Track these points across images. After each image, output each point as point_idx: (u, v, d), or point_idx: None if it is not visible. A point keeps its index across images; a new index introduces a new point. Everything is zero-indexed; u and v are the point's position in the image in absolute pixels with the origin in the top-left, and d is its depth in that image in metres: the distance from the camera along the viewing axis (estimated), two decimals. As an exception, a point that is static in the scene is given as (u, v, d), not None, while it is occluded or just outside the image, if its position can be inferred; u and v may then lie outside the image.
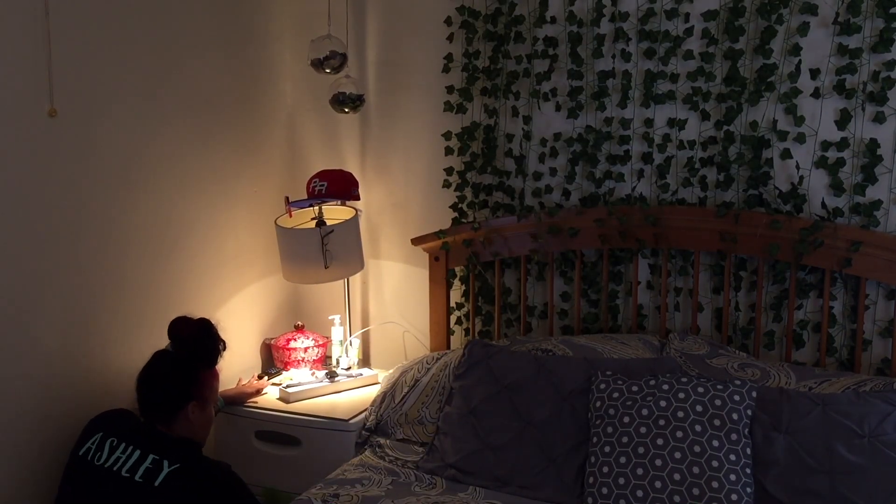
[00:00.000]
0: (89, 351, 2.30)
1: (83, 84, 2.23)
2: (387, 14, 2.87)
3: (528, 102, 2.66)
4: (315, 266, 2.65)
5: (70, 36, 2.18)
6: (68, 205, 2.22)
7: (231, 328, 2.83)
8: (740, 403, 1.97)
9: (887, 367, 2.28)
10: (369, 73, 2.92)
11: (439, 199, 2.85)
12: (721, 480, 1.88)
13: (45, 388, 2.18)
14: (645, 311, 2.59)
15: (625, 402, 2.05)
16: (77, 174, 2.24)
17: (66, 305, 2.23)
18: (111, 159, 2.34)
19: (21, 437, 2.13)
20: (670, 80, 2.46)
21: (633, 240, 2.49)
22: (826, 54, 2.28)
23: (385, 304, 3.02)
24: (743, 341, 2.45)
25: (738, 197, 2.42)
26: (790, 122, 2.33)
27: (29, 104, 2.10)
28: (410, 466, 2.26)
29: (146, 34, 2.42)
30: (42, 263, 2.15)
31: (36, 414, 2.16)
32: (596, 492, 1.97)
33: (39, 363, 2.16)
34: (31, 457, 2.15)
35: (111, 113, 2.33)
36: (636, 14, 2.48)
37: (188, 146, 2.61)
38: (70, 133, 2.20)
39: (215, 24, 2.70)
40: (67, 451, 2.18)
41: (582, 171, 2.62)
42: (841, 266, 2.24)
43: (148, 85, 2.44)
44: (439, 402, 2.42)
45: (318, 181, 2.71)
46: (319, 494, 2.06)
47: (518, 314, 2.75)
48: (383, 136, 2.94)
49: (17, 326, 2.10)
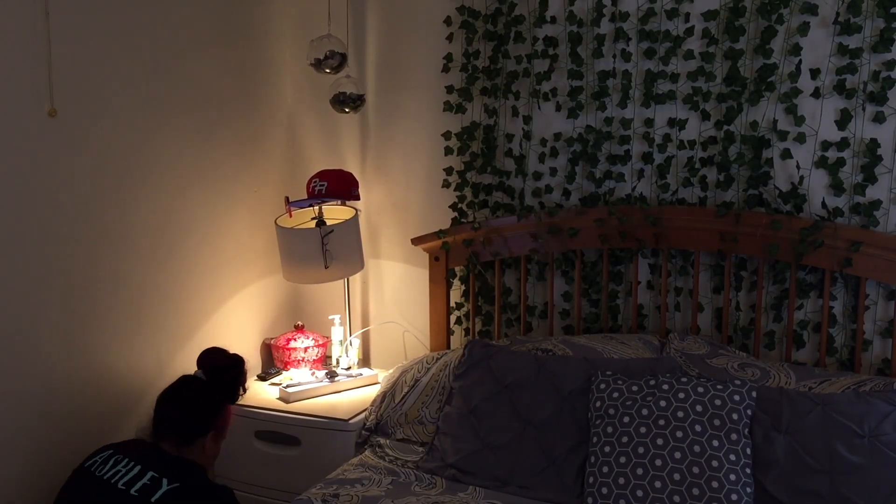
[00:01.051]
0: (89, 350, 2.30)
1: (83, 84, 2.23)
2: (387, 14, 2.87)
3: (528, 102, 2.66)
4: (315, 266, 2.65)
5: (70, 36, 2.18)
6: (68, 204, 2.22)
7: (231, 328, 2.83)
8: (740, 403, 1.97)
9: (887, 367, 2.28)
10: (369, 73, 2.92)
11: (439, 199, 2.85)
12: (721, 480, 1.88)
13: (44, 388, 2.18)
14: (645, 311, 2.59)
15: (625, 402, 2.05)
16: (76, 174, 2.24)
17: (66, 305, 2.23)
18: (111, 159, 2.34)
19: (21, 436, 2.13)
20: (670, 80, 2.46)
21: (634, 240, 2.49)
22: (826, 54, 2.28)
23: (385, 304, 3.02)
24: (743, 341, 2.44)
25: (739, 197, 2.42)
26: (790, 122, 2.33)
27: (29, 104, 2.10)
28: (410, 466, 2.26)
29: (146, 34, 2.43)
30: (42, 263, 2.15)
31: (36, 414, 2.16)
32: (596, 492, 1.97)
33: (39, 362, 2.16)
34: (31, 456, 2.15)
35: (111, 113, 2.33)
36: (636, 14, 2.48)
37: (188, 146, 2.61)
38: (70, 133, 2.20)
39: (215, 24, 2.70)
40: (67, 450, 2.19)
41: (582, 171, 2.61)
42: (841, 266, 2.23)
43: (148, 85, 2.44)
44: (439, 402, 2.42)
45: (318, 181, 2.71)
46: (319, 494, 2.06)
47: (518, 314, 2.75)
48: (383, 136, 2.94)
49: (16, 326, 2.10)
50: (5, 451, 2.09)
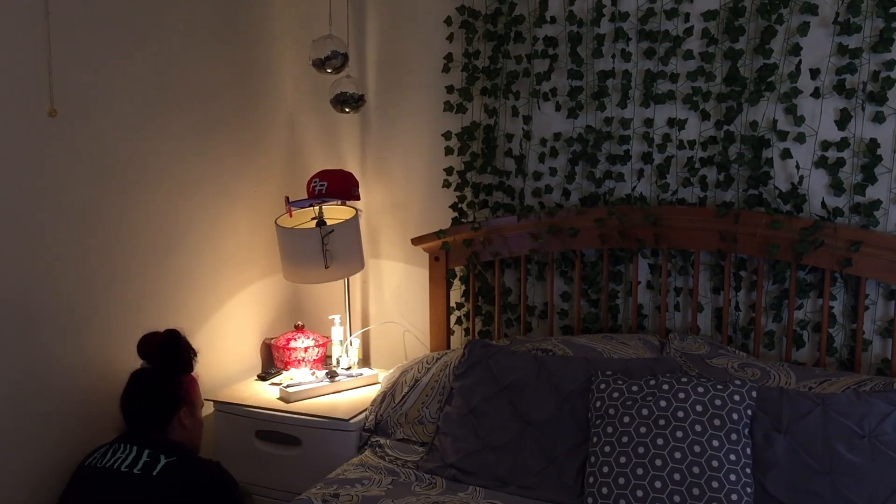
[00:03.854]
0: (89, 350, 2.30)
1: (83, 84, 2.23)
2: (387, 14, 2.87)
3: (528, 102, 2.66)
4: (315, 266, 2.65)
5: (70, 36, 2.18)
6: (68, 204, 2.22)
7: (231, 328, 2.83)
8: (740, 403, 1.97)
9: (887, 367, 2.28)
10: (369, 73, 2.92)
11: (439, 199, 2.85)
12: (721, 480, 1.88)
13: (44, 388, 2.18)
14: (645, 311, 2.59)
15: (625, 402, 2.05)
16: (77, 174, 2.24)
17: (66, 305, 2.23)
18: (111, 159, 2.34)
19: (21, 436, 2.12)
20: (670, 80, 2.46)
21: (633, 240, 2.49)
22: (826, 54, 2.28)
23: (385, 304, 3.02)
24: (743, 341, 2.45)
25: (738, 197, 2.42)
26: (790, 121, 2.33)
27: (29, 104, 2.10)
28: (410, 466, 2.27)
29: (146, 34, 2.42)
30: (42, 263, 2.15)
31: (36, 414, 2.16)
32: (596, 492, 1.97)
33: (39, 362, 2.16)
34: (31, 456, 2.15)
35: (111, 113, 2.33)
36: (636, 14, 2.48)
37: (188, 146, 2.61)
38: (70, 133, 2.20)
39: (215, 24, 2.70)
40: (67, 450, 2.19)
41: (582, 171, 2.61)
42: (841, 266, 2.24)
43: (148, 85, 2.44)
44: (439, 401, 2.42)
45: (319, 181, 2.71)
46: (319, 494, 2.07)
47: (518, 314, 2.75)
48: (383, 136, 2.94)
49: (16, 326, 2.10)
50: (6, 451, 2.09)
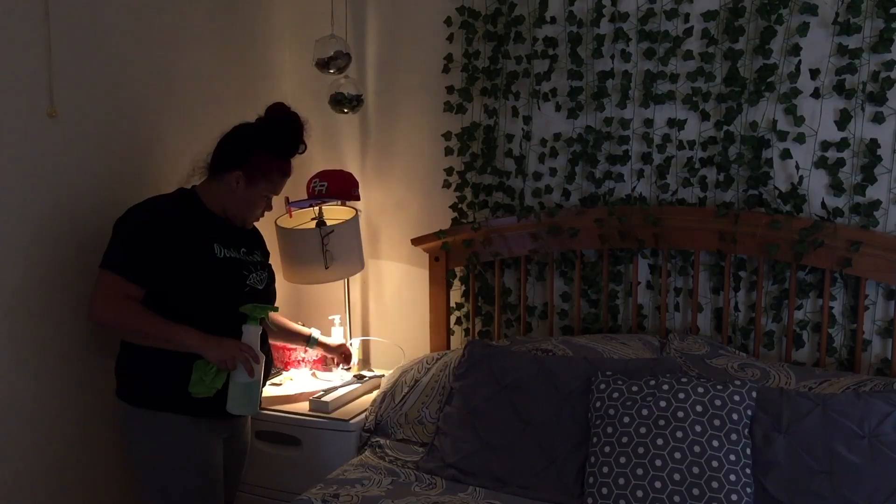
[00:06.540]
0: (90, 350, 2.30)
1: (83, 84, 2.23)
2: (387, 14, 2.87)
3: (527, 102, 2.66)
4: (315, 266, 2.65)
5: (70, 36, 2.18)
6: (68, 204, 2.22)
7: (231, 328, 2.82)
8: (740, 404, 1.97)
9: (887, 367, 2.28)
10: (369, 73, 2.92)
11: (439, 199, 2.85)
12: (721, 480, 1.88)
13: (44, 388, 2.18)
14: (645, 312, 2.59)
15: (625, 403, 2.05)
16: (77, 174, 2.23)
17: (66, 305, 2.22)
18: (111, 159, 2.34)
19: (21, 435, 2.12)
20: (670, 80, 2.46)
21: (633, 240, 2.49)
22: (826, 54, 2.28)
23: (385, 304, 3.02)
24: (743, 341, 2.45)
25: (738, 197, 2.42)
26: (790, 122, 2.33)
27: (29, 104, 2.10)
28: (410, 466, 2.27)
29: (146, 34, 2.42)
30: (41, 264, 2.15)
31: (36, 413, 2.16)
32: (596, 492, 1.97)
33: (39, 362, 2.16)
34: (30, 455, 2.15)
35: (111, 113, 2.33)
36: (636, 14, 2.48)
37: (188, 146, 2.61)
38: (70, 133, 2.20)
39: (215, 24, 2.70)
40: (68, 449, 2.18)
41: (582, 172, 2.62)
42: (841, 266, 2.24)
43: (148, 85, 2.44)
44: (439, 402, 2.42)
45: (319, 181, 2.71)
46: (319, 494, 2.07)
47: (518, 314, 2.75)
48: (383, 136, 2.94)
49: (16, 326, 2.10)
50: (5, 452, 2.09)
